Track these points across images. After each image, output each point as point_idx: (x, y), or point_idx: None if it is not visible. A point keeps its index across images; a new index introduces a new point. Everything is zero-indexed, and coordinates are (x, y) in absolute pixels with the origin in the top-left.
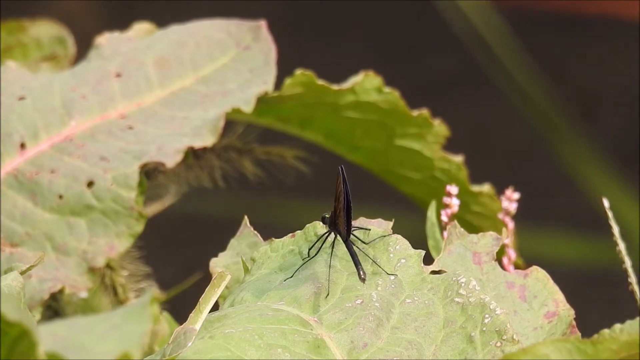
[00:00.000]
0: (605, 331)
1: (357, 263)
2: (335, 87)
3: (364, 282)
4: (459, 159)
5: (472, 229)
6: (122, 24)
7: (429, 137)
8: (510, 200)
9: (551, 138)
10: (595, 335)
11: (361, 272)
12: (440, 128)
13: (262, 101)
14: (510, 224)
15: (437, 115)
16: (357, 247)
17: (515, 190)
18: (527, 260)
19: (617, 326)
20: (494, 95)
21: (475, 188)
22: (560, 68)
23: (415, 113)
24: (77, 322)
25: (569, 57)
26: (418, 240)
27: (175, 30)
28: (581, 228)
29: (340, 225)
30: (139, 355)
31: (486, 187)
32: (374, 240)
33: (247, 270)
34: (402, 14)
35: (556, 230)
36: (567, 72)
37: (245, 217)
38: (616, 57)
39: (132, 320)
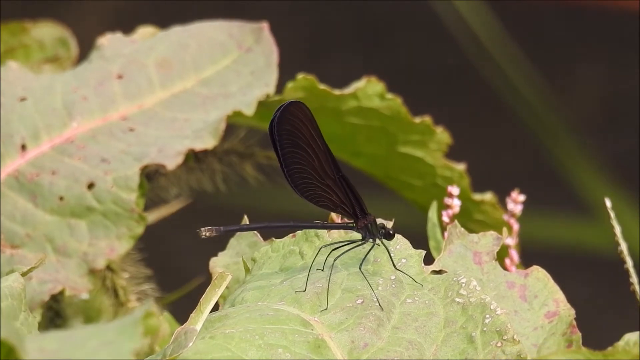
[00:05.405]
0: (619, 344)
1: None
2: (337, 92)
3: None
4: (461, 167)
5: None
6: (125, 27)
7: (431, 145)
8: (516, 202)
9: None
10: (609, 348)
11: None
12: (442, 136)
13: (264, 105)
14: (515, 226)
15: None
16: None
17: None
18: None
19: (630, 338)
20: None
21: (477, 196)
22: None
23: (417, 120)
24: (71, 335)
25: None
26: (419, 241)
27: (177, 32)
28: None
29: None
30: None
31: (488, 196)
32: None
33: (247, 270)
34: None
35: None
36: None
37: (245, 217)
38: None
39: (124, 336)
